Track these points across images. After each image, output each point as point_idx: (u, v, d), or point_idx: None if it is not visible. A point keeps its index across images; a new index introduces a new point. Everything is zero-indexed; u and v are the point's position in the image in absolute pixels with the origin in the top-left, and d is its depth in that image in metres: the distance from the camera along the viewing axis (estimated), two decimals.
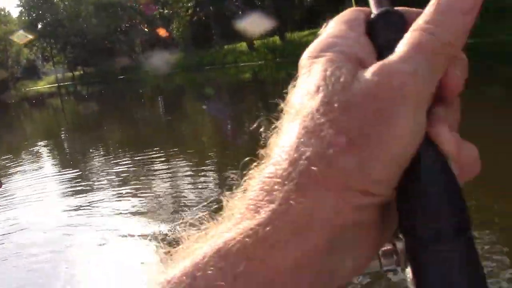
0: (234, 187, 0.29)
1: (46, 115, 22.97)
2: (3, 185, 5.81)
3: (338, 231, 0.27)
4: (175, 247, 0.29)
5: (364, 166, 0.26)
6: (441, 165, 0.28)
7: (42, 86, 56.17)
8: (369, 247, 0.29)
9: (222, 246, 0.26)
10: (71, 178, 6.91)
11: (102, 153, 9.14)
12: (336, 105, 0.27)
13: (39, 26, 53.12)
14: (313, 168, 0.26)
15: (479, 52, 8.31)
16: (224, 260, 0.26)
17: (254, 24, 24.22)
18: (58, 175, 7.35)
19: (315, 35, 0.32)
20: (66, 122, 17.34)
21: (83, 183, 6.38)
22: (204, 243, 0.27)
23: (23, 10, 54.42)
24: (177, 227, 0.29)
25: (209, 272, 0.25)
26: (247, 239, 0.26)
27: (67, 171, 7.50)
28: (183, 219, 0.30)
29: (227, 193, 0.29)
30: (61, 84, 52.46)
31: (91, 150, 9.42)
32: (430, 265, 0.27)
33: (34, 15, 53.76)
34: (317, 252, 0.26)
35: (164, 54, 34.37)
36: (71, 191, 6.16)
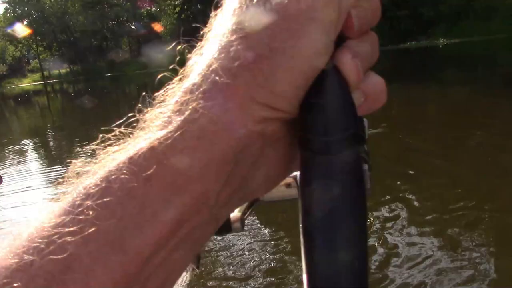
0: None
1: (32, 112, 22.73)
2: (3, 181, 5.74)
3: (244, 141, 0.29)
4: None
5: (269, 81, 0.28)
6: (339, 87, 0.30)
7: (28, 83, 55.59)
8: (278, 163, 0.31)
9: (135, 153, 0.28)
10: (56, 175, 6.85)
11: (88, 151, 9.05)
12: (247, 23, 0.29)
13: (25, 23, 52.56)
14: (219, 80, 0.28)
15: None
16: (136, 165, 0.27)
17: None
18: (44, 172, 7.29)
19: None
20: (52, 119, 17.18)
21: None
22: (120, 154, 0.29)
23: (8, 6, 53.79)
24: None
25: (123, 176, 0.27)
26: (158, 146, 0.28)
27: (52, 168, 7.45)
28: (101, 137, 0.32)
29: (144, 109, 0.31)
30: (48, 82, 51.95)
31: (76, 148, 9.35)
32: (315, 173, 0.29)
33: (19, 11, 53.19)
34: (224, 160, 0.28)
35: (151, 51, 34.23)
36: (55, 188, 6.09)
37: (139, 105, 0.32)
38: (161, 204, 0.27)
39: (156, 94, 0.31)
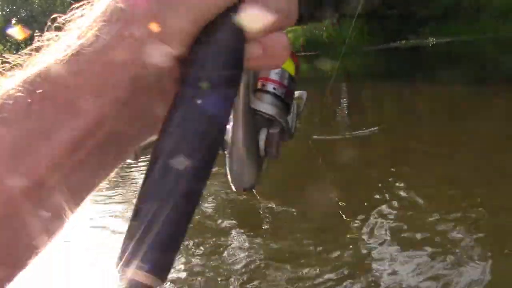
0: None
1: None
2: None
3: (140, 71, 0.29)
4: None
5: (166, 17, 0.29)
6: (231, 31, 0.30)
7: None
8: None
9: (33, 73, 0.29)
10: None
11: None
12: None
13: (13, 21, 52.03)
14: (119, 11, 0.29)
15: None
16: (32, 84, 0.28)
17: None
18: None
19: (293, 31, 0.33)
20: None
21: None
22: (19, 74, 0.30)
23: None
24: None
25: (18, 94, 0.28)
26: (54, 67, 0.28)
27: None
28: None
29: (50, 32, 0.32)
30: None
31: None
32: (182, 105, 0.30)
33: (8, 10, 52.61)
34: (119, 86, 0.29)
35: None
36: None
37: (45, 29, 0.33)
38: (56, 125, 0.28)
39: (63, 18, 0.32)
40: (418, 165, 4.83)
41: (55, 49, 0.30)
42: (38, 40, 0.32)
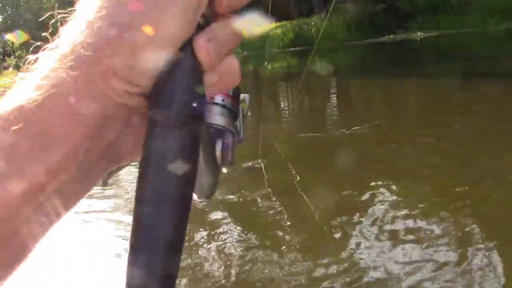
0: None
1: None
2: None
3: (108, 110, 0.32)
4: None
5: (129, 57, 0.31)
6: (189, 67, 0.33)
7: (3, 81, 54.53)
8: (142, 134, 0.34)
9: (5, 111, 0.30)
10: None
11: None
12: (111, 2, 0.31)
13: (0, 19, 51.46)
14: (83, 52, 0.31)
15: None
16: (6, 121, 0.29)
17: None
18: None
19: (282, 27, 0.35)
20: None
21: None
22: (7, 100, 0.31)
23: None
24: None
25: None
26: (27, 105, 0.30)
27: None
28: None
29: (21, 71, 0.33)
30: None
31: None
32: (155, 144, 0.32)
33: None
34: (89, 124, 0.31)
35: None
36: None
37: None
38: (29, 159, 0.29)
39: (31, 57, 0.34)
40: (405, 157, 4.86)
41: (26, 88, 0.32)
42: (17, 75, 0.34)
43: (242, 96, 0.47)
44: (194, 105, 0.32)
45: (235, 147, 0.47)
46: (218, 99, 0.45)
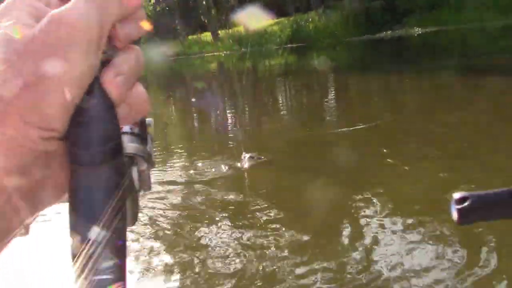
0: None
1: None
2: None
3: (26, 158, 0.32)
4: None
5: (39, 105, 0.31)
6: (102, 103, 0.33)
7: None
8: (67, 176, 0.34)
9: None
10: None
11: None
12: (14, 53, 0.31)
13: None
14: None
15: None
16: None
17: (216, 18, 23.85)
18: None
19: (279, 24, 0.34)
20: None
21: None
22: None
23: None
24: None
25: None
26: None
27: None
28: None
29: None
30: None
31: None
32: (82, 184, 0.32)
33: None
34: (7, 174, 0.31)
35: None
36: None
37: None
38: None
39: None
40: (403, 154, 4.86)
41: None
42: None
43: (147, 120, 0.49)
44: (114, 140, 0.33)
45: (150, 172, 0.47)
46: (127, 128, 0.45)
